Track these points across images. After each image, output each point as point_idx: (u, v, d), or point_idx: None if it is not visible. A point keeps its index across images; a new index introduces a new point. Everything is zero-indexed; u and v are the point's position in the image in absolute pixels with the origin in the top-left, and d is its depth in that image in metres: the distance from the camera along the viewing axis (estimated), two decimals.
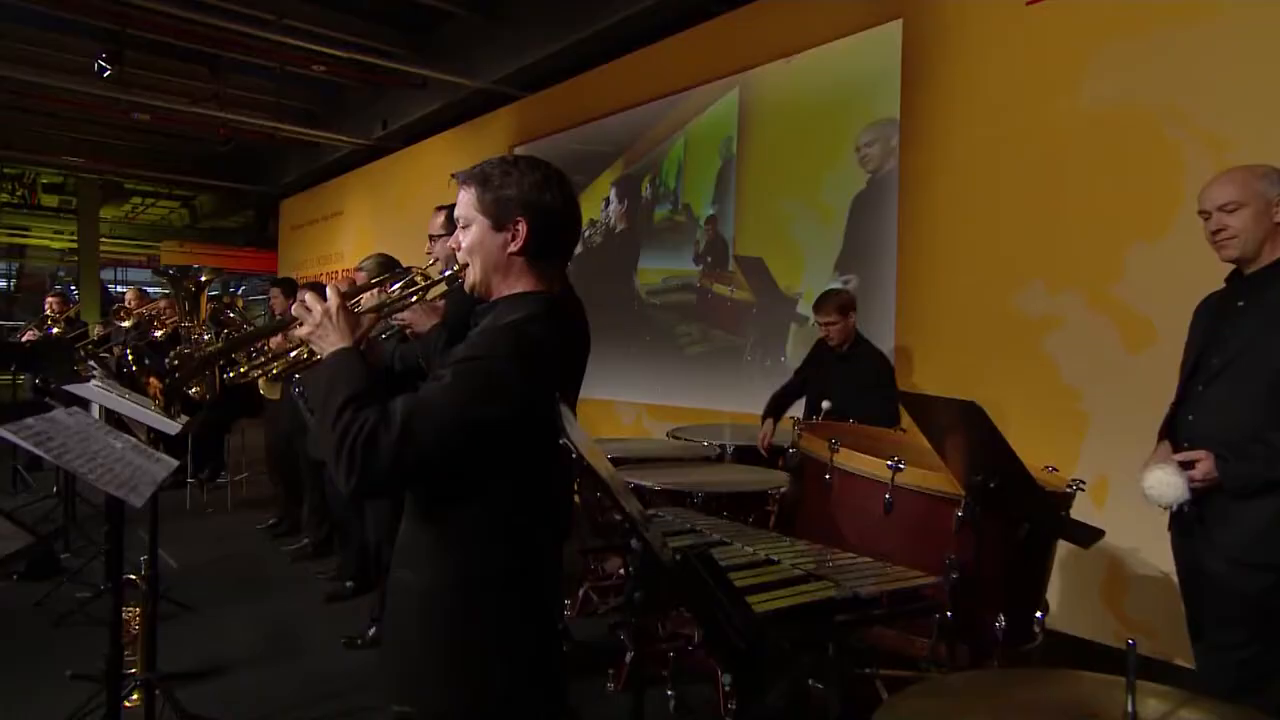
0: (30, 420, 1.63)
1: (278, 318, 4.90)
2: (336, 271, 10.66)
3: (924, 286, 4.20)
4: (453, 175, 1.51)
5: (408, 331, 2.32)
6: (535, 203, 1.43)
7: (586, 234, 6.49)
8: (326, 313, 1.41)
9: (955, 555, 2.07)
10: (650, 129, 6.08)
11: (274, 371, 1.54)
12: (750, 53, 5.26)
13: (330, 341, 1.39)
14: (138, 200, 15.48)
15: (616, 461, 3.34)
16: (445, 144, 8.49)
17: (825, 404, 3.44)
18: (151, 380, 1.39)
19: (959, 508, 2.13)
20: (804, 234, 4.92)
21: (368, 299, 1.56)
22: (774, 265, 5.12)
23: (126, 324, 6.20)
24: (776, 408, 3.81)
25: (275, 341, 1.81)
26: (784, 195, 5.07)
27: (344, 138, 9.41)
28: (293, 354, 1.55)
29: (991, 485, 1.96)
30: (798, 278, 4.96)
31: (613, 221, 6.42)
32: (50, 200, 15.27)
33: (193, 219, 16.51)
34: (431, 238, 2.82)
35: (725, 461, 3.69)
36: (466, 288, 1.50)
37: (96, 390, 2.02)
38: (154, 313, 6.39)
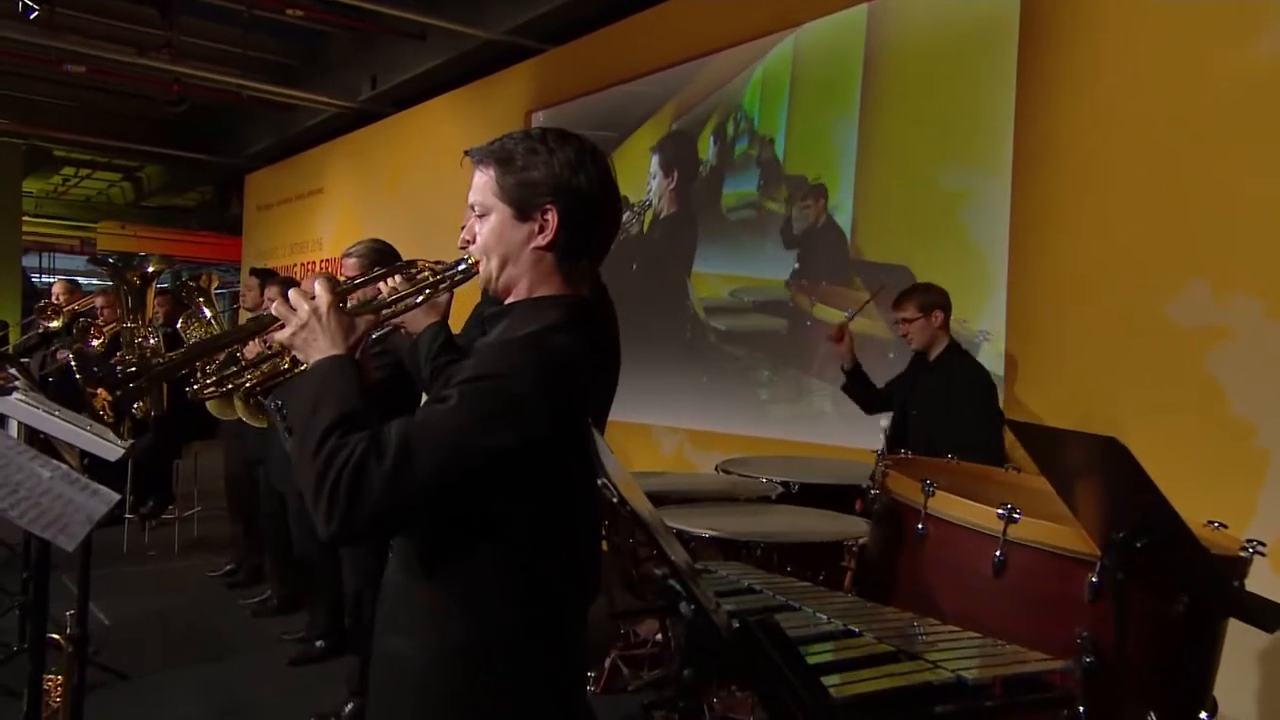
0: None
1: (249, 318, 4.98)
2: (314, 262, 10.84)
3: (1042, 287, 4.14)
4: (467, 153, 1.52)
5: (402, 331, 2.36)
6: (567, 187, 1.44)
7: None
8: (315, 312, 1.42)
9: (1089, 633, 2.02)
10: (712, 77, 5.99)
11: (247, 384, 1.55)
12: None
13: (318, 348, 1.41)
14: (70, 171, 15.86)
15: (653, 500, 3.33)
16: (447, 108, 8.61)
17: (884, 421, 3.41)
18: (100, 392, 1.40)
19: (1093, 572, 2.08)
20: (947, 223, 4.63)
21: (363, 296, 1.58)
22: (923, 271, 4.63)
23: (55, 324, 6.37)
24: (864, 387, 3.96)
25: (251, 347, 1.82)
26: (927, 171, 4.68)
27: (324, 99, 9.58)
28: (265, 364, 1.56)
29: (1138, 545, 1.90)
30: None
31: (657, 202, 6.39)
32: None
33: (137, 195, 16.93)
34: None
35: (788, 503, 3.66)
36: (480, 285, 1.52)
37: (19, 406, 2.07)
38: (88, 310, 6.57)
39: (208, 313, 4.76)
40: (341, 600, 3.89)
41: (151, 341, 4.24)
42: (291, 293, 1.46)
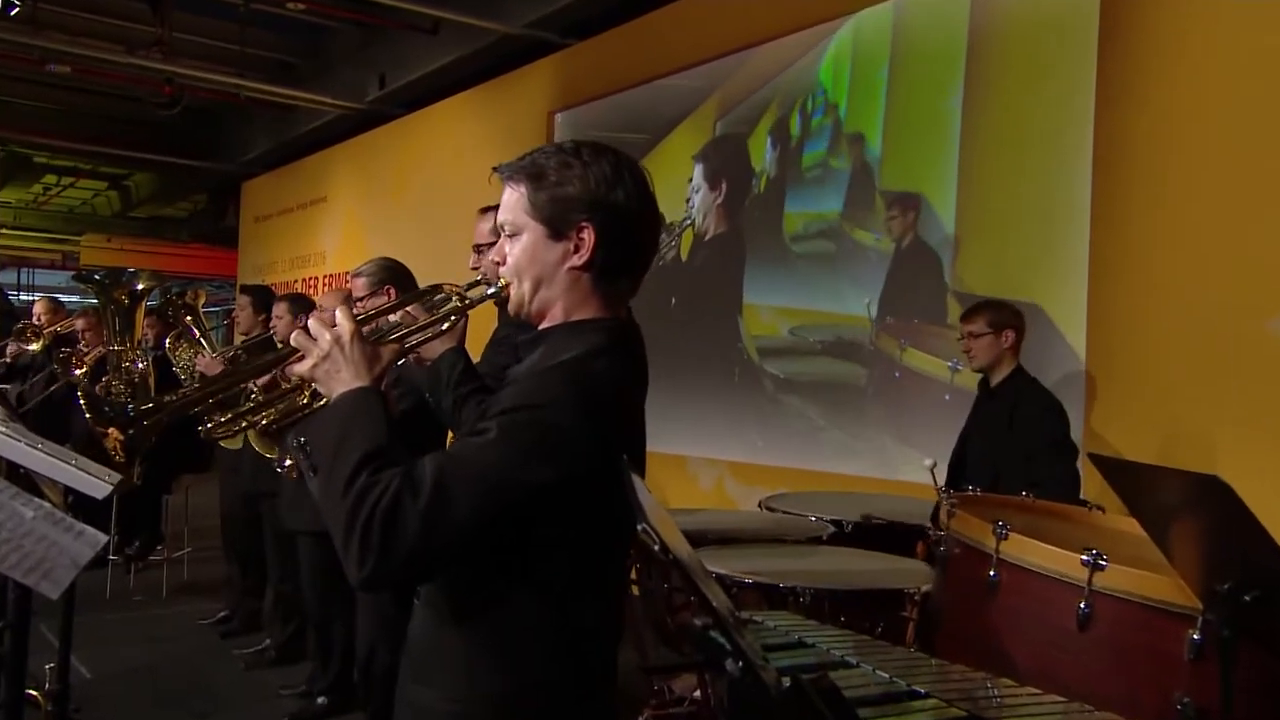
0: None
1: (243, 339, 5.04)
2: (315, 278, 10.97)
3: (1125, 299, 4.09)
4: (496, 169, 1.58)
5: (412, 358, 2.39)
6: (604, 202, 1.50)
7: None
8: (337, 342, 1.47)
9: (1190, 698, 1.98)
10: (767, 62, 5.86)
11: (263, 422, 1.60)
12: None
13: (341, 380, 1.46)
14: (51, 180, 16.15)
15: (690, 540, 3.32)
16: (461, 109, 8.70)
17: (928, 461, 3.38)
18: (111, 432, 1.45)
19: (1194, 628, 2.04)
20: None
21: (384, 323, 1.64)
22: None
23: (35, 347, 6.47)
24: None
25: (266, 381, 1.88)
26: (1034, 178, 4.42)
27: (327, 99, 9.72)
28: (283, 400, 1.60)
29: (1247, 598, 1.86)
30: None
31: (701, 220, 6.24)
32: None
33: (125, 205, 17.21)
34: (478, 248, 2.98)
35: (841, 544, 3.63)
36: (510, 310, 1.57)
37: (1, 440, 2.11)
38: (70, 332, 6.67)
39: (196, 332, 4.83)
40: (350, 650, 3.90)
41: (140, 365, 4.31)
42: (311, 321, 1.51)
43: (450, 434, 3.11)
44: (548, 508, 1.36)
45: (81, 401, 1.52)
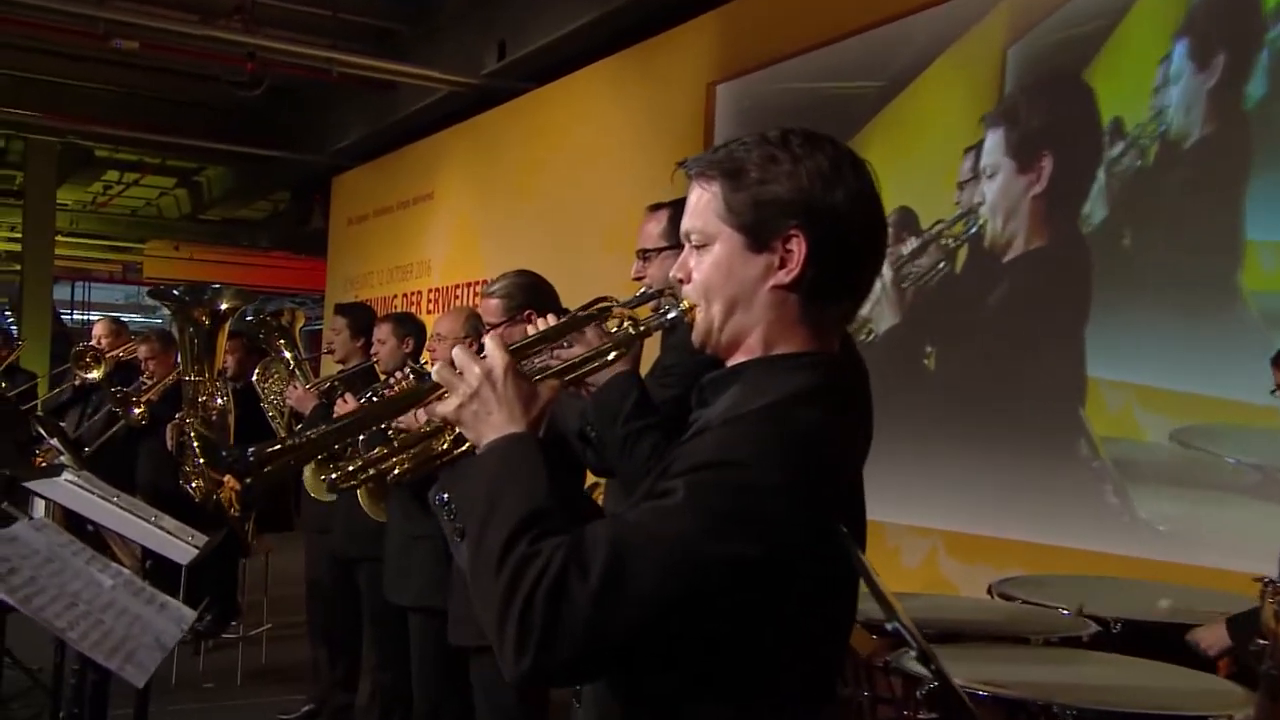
0: None
1: (340, 369, 5.16)
2: (420, 293, 11.20)
3: None
4: (680, 165, 1.59)
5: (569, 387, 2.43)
6: (818, 205, 1.49)
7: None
8: (488, 378, 1.51)
9: None
10: None
11: (395, 471, 1.63)
12: None
13: (492, 424, 1.49)
14: (113, 176, 17.11)
15: (898, 640, 3.23)
16: (599, 82, 8.80)
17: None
18: (227, 480, 1.51)
19: None
20: None
21: (539, 353, 1.67)
22: None
23: (95, 374, 6.82)
24: None
25: (406, 422, 1.92)
26: None
27: (435, 74, 9.95)
28: (421, 445, 1.63)
29: None
30: None
31: (996, 223, 5.41)
32: None
33: (195, 206, 18.08)
34: (644, 253, 2.97)
35: (1107, 649, 3.47)
36: (695, 340, 1.57)
37: (71, 490, 2.19)
38: (133, 358, 7.00)
39: (288, 355, 4.98)
40: None
41: (220, 400, 4.48)
42: (456, 352, 1.54)
43: (590, 475, 3.13)
44: (746, 591, 1.36)
45: (195, 445, 1.58)
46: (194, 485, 5.02)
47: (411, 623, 4.33)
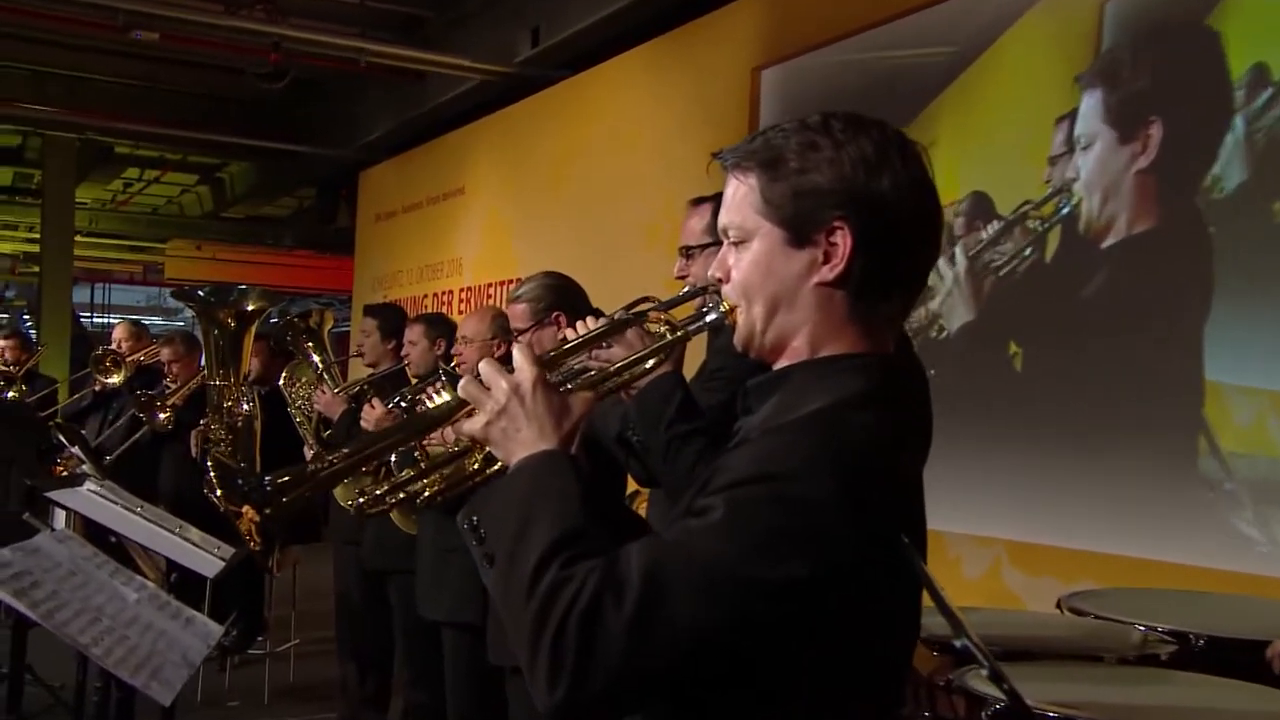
0: (6, 553, 1.78)
1: (370, 372, 5.18)
2: (451, 292, 11.24)
3: None
4: (715, 156, 1.58)
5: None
6: (864, 194, 1.47)
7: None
8: (515, 392, 1.50)
9: None
10: None
11: (425, 494, 1.64)
12: None
13: (522, 441, 1.49)
14: (133, 173, 17.32)
15: (962, 657, 3.21)
16: (638, 69, 8.79)
17: None
18: (246, 511, 1.52)
19: None
20: None
21: (573, 361, 1.70)
22: None
23: (115, 379, 6.89)
24: None
25: (434, 439, 1.94)
26: None
27: (466, 62, 9.98)
28: (449, 466, 1.64)
29: None
30: None
31: (1094, 204, 4.96)
32: None
33: (217, 203, 18.27)
34: (687, 250, 2.98)
35: (1187, 667, 3.42)
36: (737, 343, 1.57)
37: (93, 501, 2.21)
38: (154, 362, 7.06)
39: (316, 358, 5.00)
40: None
41: (245, 406, 4.52)
42: (483, 366, 1.53)
43: (632, 482, 3.13)
44: (797, 615, 1.34)
45: (211, 473, 1.59)
46: (218, 494, 5.04)
47: (445, 638, 4.34)
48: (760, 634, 1.33)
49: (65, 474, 4.36)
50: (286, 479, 1.57)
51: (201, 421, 5.30)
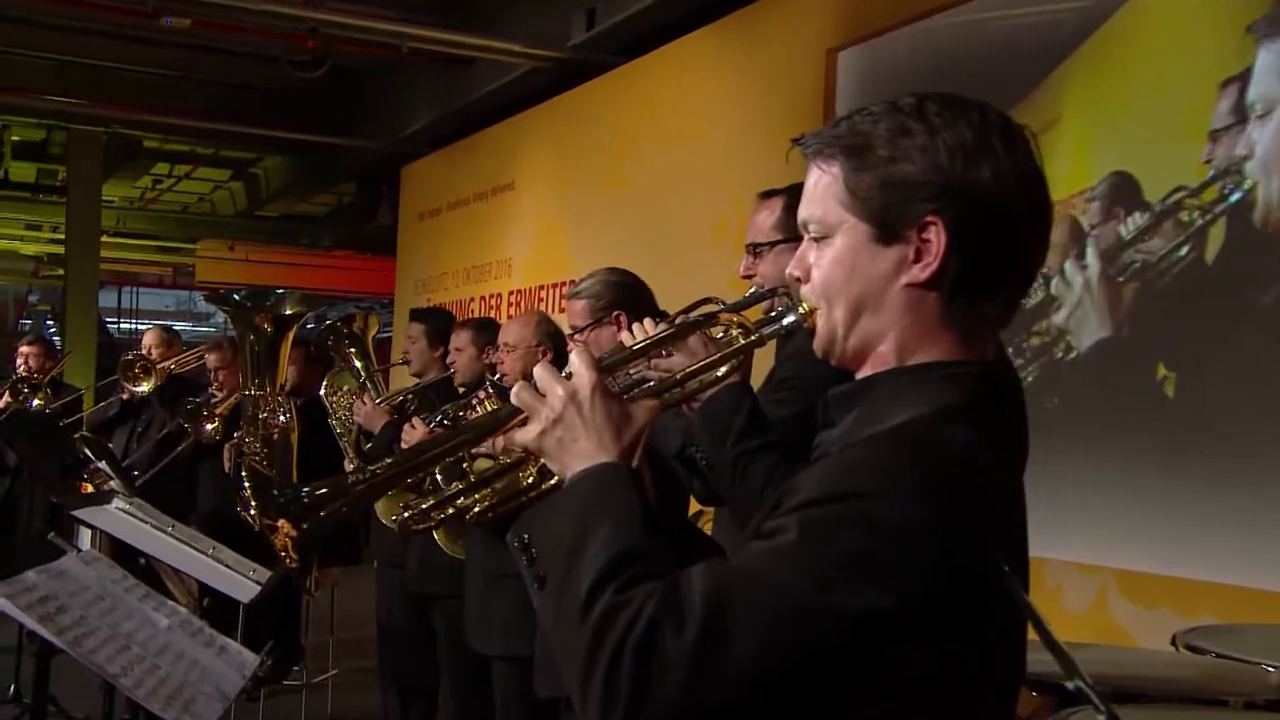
0: (31, 576, 1.81)
1: (416, 382, 5.20)
2: (499, 296, 11.28)
3: None
4: (795, 141, 1.57)
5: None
6: (962, 186, 1.45)
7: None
8: (572, 400, 1.51)
9: None
10: None
11: (475, 509, 1.65)
12: None
13: (579, 453, 1.49)
14: (163, 169, 17.55)
15: (1071, 699, 3.17)
16: (702, 51, 8.77)
17: None
18: (281, 525, 1.52)
19: None
20: None
21: (636, 368, 1.71)
22: None
23: (144, 387, 6.98)
24: None
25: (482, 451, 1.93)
26: None
27: (517, 47, 10.02)
28: (501, 479, 1.64)
29: None
30: None
31: (1268, 182, 4.44)
32: (22, 171, 17.68)
33: (251, 201, 18.46)
34: (755, 248, 2.97)
35: None
36: (817, 348, 1.56)
37: (122, 520, 2.23)
38: (186, 370, 7.15)
39: (359, 365, 5.03)
40: None
41: (283, 417, 4.55)
42: (538, 370, 1.54)
43: (692, 500, 3.11)
44: (876, 650, 1.31)
45: (246, 486, 1.60)
46: (252, 513, 5.08)
47: (495, 671, 4.35)
48: (834, 671, 1.31)
49: (92, 490, 4.41)
50: (325, 491, 1.58)
51: (235, 435, 5.34)
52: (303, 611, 7.15)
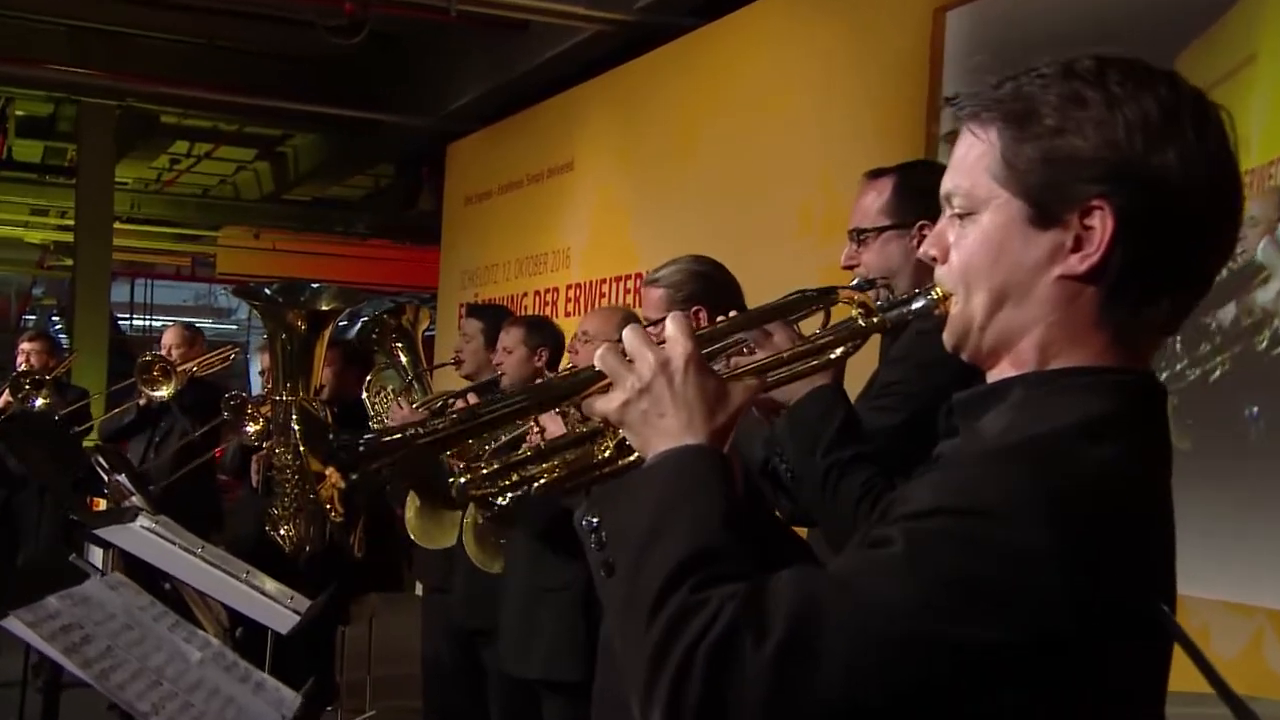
0: (54, 602, 1.83)
1: (469, 383, 5.20)
2: (556, 290, 11.27)
3: None
4: (948, 99, 1.57)
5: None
6: (1138, 170, 1.42)
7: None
8: (664, 370, 1.50)
9: None
10: None
11: (543, 480, 1.65)
12: None
13: (665, 430, 1.49)
14: (181, 147, 17.59)
15: None
16: (785, 13, 8.72)
17: None
18: (329, 473, 1.52)
19: None
20: None
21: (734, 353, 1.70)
22: None
23: (164, 391, 7.05)
24: None
25: (553, 424, 1.94)
26: None
27: (579, 9, 10.01)
28: (573, 451, 1.64)
29: None
30: None
31: None
32: (28, 150, 17.81)
33: (279, 183, 18.52)
34: (859, 234, 2.95)
35: None
36: (948, 339, 1.54)
37: (148, 540, 2.25)
38: (210, 372, 7.22)
39: (405, 360, 5.05)
40: None
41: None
42: (628, 333, 1.54)
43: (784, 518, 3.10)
44: (980, 692, 1.29)
45: (295, 423, 1.61)
46: (282, 533, 5.13)
47: (545, 705, 4.36)
48: (930, 705, 1.29)
49: (108, 507, 4.43)
50: (383, 438, 1.58)
51: (264, 445, 5.37)
52: (338, 644, 7.19)
